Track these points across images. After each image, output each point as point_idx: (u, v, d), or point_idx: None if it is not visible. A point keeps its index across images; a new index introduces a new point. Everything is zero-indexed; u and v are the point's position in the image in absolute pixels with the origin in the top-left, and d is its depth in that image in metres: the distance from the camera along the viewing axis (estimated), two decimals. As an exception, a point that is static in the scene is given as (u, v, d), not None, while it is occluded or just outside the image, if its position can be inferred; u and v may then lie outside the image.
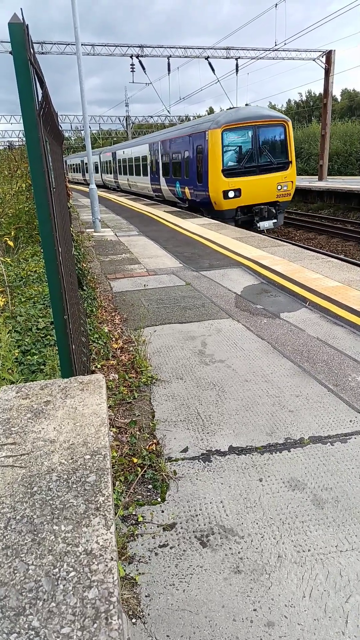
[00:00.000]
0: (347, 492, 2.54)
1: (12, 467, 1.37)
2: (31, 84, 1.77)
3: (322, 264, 7.85)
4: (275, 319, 5.37)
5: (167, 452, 2.97)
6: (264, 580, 2.04)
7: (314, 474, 2.70)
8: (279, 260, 8.25)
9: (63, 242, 2.69)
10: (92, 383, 1.93)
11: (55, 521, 1.14)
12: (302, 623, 1.84)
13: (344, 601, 1.93)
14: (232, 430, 3.17)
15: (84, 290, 6.12)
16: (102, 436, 1.52)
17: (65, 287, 2.20)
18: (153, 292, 6.75)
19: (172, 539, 2.28)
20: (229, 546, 2.22)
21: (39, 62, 2.16)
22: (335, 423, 3.21)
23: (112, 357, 4.34)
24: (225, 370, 4.09)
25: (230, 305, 5.95)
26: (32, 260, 7.25)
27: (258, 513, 2.42)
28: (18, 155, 11.13)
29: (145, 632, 1.84)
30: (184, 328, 5.20)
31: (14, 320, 4.63)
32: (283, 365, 4.16)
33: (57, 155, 3.74)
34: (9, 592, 0.93)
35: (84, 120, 12.33)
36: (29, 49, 1.76)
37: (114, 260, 9.07)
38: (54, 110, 3.56)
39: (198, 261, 8.63)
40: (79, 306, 3.98)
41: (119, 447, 3.00)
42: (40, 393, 1.85)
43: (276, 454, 2.90)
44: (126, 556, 2.18)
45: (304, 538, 2.26)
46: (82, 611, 0.89)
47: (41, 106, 2.03)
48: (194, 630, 1.83)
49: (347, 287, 6.32)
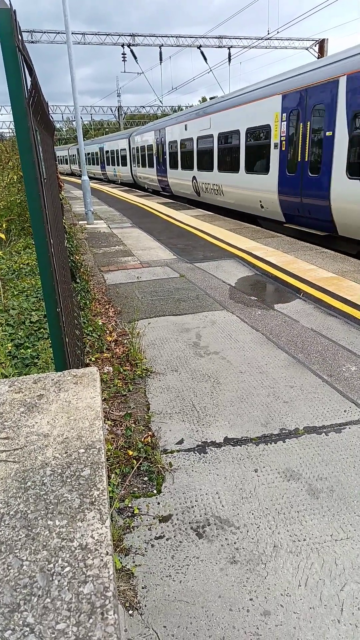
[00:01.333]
0: (342, 481, 2.56)
1: (5, 462, 1.35)
2: (20, 72, 1.73)
3: (315, 255, 7.85)
4: (269, 310, 5.37)
5: (163, 444, 2.97)
6: (260, 570, 2.05)
7: (309, 464, 2.71)
8: (272, 252, 8.23)
9: (55, 234, 2.66)
10: (86, 376, 1.91)
11: (49, 516, 1.13)
12: (298, 612, 1.86)
13: (339, 589, 1.95)
14: (227, 422, 3.17)
15: (77, 282, 6.08)
16: (96, 430, 1.51)
17: (57, 279, 2.17)
18: (147, 284, 6.72)
19: (168, 530, 2.28)
20: (224, 537, 2.22)
21: (27, 49, 2.11)
22: (330, 413, 3.22)
23: (106, 350, 4.32)
24: (220, 362, 4.08)
25: (225, 297, 5.94)
26: (24, 252, 7.20)
27: (254, 503, 2.42)
28: (9, 147, 10.98)
29: (142, 623, 1.84)
30: (179, 320, 5.19)
31: (6, 314, 4.60)
32: (277, 356, 4.16)
33: (48, 146, 3.68)
34: (3, 589, 0.92)
35: (75, 111, 12.18)
36: (17, 35, 1.71)
37: (107, 253, 9.01)
38: (44, 100, 3.51)
39: (192, 253, 8.60)
40: (72, 299, 3.95)
41: (114, 439, 2.99)
42: (33, 387, 1.83)
43: (271, 444, 2.91)
44: (122, 548, 2.18)
45: (299, 528, 2.27)
46: (77, 607, 0.88)
47: (30, 95, 1.98)
48: (191, 621, 1.84)
49: (340, 278, 6.33)
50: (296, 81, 9.02)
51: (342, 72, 7.52)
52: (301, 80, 8.83)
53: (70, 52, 11.31)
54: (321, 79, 8.07)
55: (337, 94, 7.65)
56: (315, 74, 8.39)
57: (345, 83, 7.42)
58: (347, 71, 7.36)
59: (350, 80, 7.33)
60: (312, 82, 8.40)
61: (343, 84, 7.48)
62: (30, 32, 24.86)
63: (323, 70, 8.15)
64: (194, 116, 15.35)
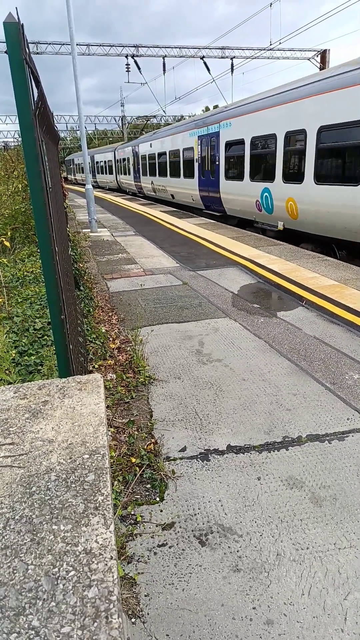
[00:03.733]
0: (345, 489, 2.55)
1: (10, 467, 1.37)
2: (27, 84, 1.77)
3: (318, 262, 7.87)
4: (272, 318, 5.38)
5: (166, 451, 2.97)
6: (263, 578, 2.04)
7: (311, 472, 2.70)
8: (275, 260, 8.26)
9: (60, 242, 2.69)
10: (90, 383, 1.93)
11: (54, 521, 1.14)
12: (302, 621, 1.85)
13: (342, 598, 1.94)
14: (230, 429, 3.17)
15: (81, 290, 6.11)
16: (100, 435, 1.52)
17: (62, 287, 2.20)
18: (150, 291, 6.75)
19: (171, 538, 2.28)
20: (227, 545, 2.22)
21: (34, 61, 2.15)
22: (333, 421, 3.22)
23: (109, 357, 4.34)
24: (222, 370, 4.09)
25: (227, 305, 5.95)
26: (28, 260, 7.24)
27: (257, 511, 2.42)
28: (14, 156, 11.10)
29: (144, 631, 1.84)
30: (181, 327, 5.20)
31: (10, 321, 4.62)
32: (280, 364, 4.17)
33: (53, 156, 3.73)
34: (8, 592, 0.93)
35: (79, 120, 12.31)
36: (25, 48, 1.75)
37: (110, 260, 9.06)
38: (50, 111, 3.56)
39: (195, 261, 8.63)
40: (76, 306, 3.98)
41: (117, 446, 3.00)
42: (38, 393, 1.84)
43: (274, 452, 2.91)
44: (125, 556, 2.18)
45: (302, 536, 2.26)
46: (82, 610, 0.88)
47: (37, 106, 2.02)
48: (194, 629, 1.83)
49: (343, 286, 6.34)
50: (203, 125, 15.42)
51: (220, 125, 13.74)
52: (208, 121, 15.08)
53: (75, 62, 11.45)
54: (213, 131, 14.46)
55: (219, 136, 13.93)
56: (209, 128, 14.88)
57: (222, 132, 13.59)
58: (223, 129, 13.59)
59: (223, 133, 13.55)
60: (209, 132, 14.88)
61: (221, 133, 13.76)
62: (36, 44, 25.21)
63: (212, 128, 14.64)
64: (153, 138, 22.25)
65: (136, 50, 26.60)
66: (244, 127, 12.12)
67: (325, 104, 8.83)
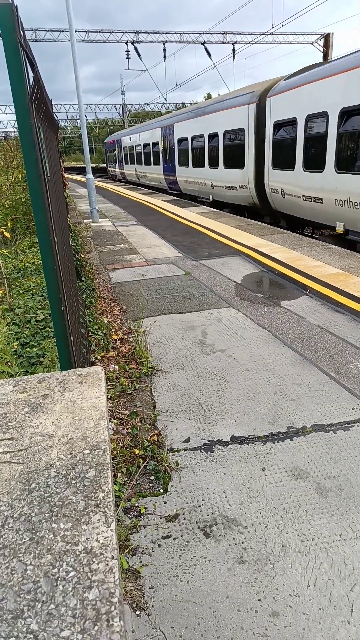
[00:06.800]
0: (351, 480, 2.52)
1: (9, 463, 1.34)
2: (22, 68, 1.70)
3: (322, 251, 7.78)
4: (275, 307, 5.33)
5: (169, 442, 2.95)
6: (268, 570, 2.02)
7: (316, 463, 2.68)
8: (278, 248, 8.17)
9: (59, 233, 2.64)
10: (90, 375, 1.89)
11: (54, 519, 1.11)
12: (307, 612, 1.83)
13: (349, 590, 1.92)
14: (234, 420, 3.14)
15: (83, 281, 6.07)
16: (101, 430, 1.49)
17: (62, 278, 2.15)
18: (152, 282, 6.69)
19: (175, 530, 2.26)
20: (232, 536, 2.20)
21: (29, 45, 2.09)
22: (338, 411, 3.18)
23: (112, 348, 4.31)
24: (226, 360, 4.05)
25: (231, 294, 5.90)
26: (29, 251, 7.19)
27: (261, 503, 2.40)
28: (14, 146, 10.98)
29: (149, 623, 1.82)
30: (184, 318, 5.16)
31: (12, 313, 4.60)
32: (284, 353, 4.12)
33: (51, 144, 3.66)
34: (6, 594, 0.90)
35: (79, 109, 12.15)
36: (19, 30, 1.69)
37: (112, 251, 9.00)
38: (48, 97, 3.48)
39: (197, 250, 8.56)
40: (77, 297, 3.94)
41: (120, 438, 2.98)
42: (37, 386, 1.81)
43: (279, 443, 2.88)
44: (129, 548, 2.17)
45: (307, 527, 2.24)
46: (82, 613, 0.86)
47: (33, 91, 1.96)
48: (199, 621, 1.82)
49: (347, 274, 6.27)
50: (164, 122, 20.46)
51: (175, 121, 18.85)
52: (166, 122, 20.18)
53: (74, 49, 11.27)
54: (170, 123, 19.46)
55: (173, 130, 18.98)
56: (168, 122, 19.87)
57: (175, 127, 18.72)
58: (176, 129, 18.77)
59: (178, 127, 18.42)
60: (167, 124, 19.81)
61: (175, 127, 18.68)
62: (34, 31, 24.84)
63: (169, 120, 19.82)
64: (133, 132, 26.96)
65: (136, 36, 26.19)
66: (186, 128, 17.48)
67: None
